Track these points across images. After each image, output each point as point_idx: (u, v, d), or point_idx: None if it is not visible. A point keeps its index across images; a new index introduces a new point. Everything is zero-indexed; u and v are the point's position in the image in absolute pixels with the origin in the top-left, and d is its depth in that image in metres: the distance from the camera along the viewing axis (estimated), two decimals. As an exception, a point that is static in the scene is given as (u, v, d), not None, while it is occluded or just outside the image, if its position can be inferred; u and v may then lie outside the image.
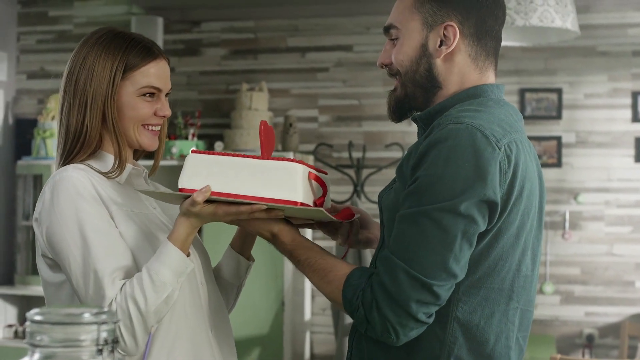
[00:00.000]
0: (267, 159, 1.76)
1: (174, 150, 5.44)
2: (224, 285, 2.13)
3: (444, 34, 1.79)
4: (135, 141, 1.95)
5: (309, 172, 1.78)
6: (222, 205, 1.75)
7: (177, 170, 5.67)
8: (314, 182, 1.79)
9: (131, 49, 1.93)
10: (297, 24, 5.94)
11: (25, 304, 5.82)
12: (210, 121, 5.96)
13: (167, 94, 2.03)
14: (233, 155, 1.78)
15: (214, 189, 1.74)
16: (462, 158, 1.61)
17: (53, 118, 5.72)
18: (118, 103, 1.91)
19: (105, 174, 1.91)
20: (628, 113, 5.51)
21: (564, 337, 5.53)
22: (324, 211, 1.76)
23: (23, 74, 6.31)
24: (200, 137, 5.80)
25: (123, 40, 1.94)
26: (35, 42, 6.31)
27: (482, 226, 1.65)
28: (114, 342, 1.04)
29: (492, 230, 1.68)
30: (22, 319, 5.76)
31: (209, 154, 1.79)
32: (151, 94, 1.96)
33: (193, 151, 1.81)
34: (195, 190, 1.75)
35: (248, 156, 1.77)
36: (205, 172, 1.76)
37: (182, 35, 6.09)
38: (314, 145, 5.80)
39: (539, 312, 5.56)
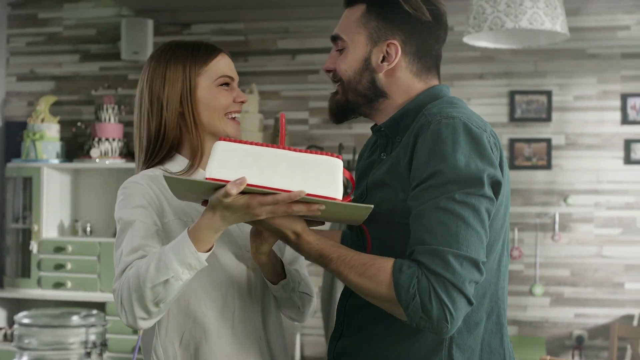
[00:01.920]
0: (303, 151, 1.67)
1: (164, 152, 5.43)
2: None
3: (386, 51, 1.88)
4: (223, 131, 2.02)
5: (344, 169, 1.71)
6: (257, 195, 1.65)
7: (167, 173, 5.69)
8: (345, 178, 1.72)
9: (197, 49, 2.04)
10: (288, 26, 5.94)
11: (14, 306, 5.80)
12: (201, 123, 5.94)
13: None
14: (266, 145, 1.67)
15: (249, 181, 1.63)
16: (467, 147, 1.72)
17: (43, 120, 5.71)
18: (199, 98, 2.01)
19: (175, 174, 1.95)
20: (617, 115, 5.53)
21: (553, 339, 5.54)
22: (369, 208, 1.68)
23: (13, 76, 6.29)
24: (190, 139, 5.79)
25: (186, 44, 2.07)
26: (25, 44, 6.29)
27: (495, 205, 1.76)
28: (102, 344, 1.04)
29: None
30: (11, 322, 5.74)
31: (239, 142, 1.68)
32: (227, 83, 2.05)
33: (221, 138, 1.70)
34: (226, 181, 1.63)
35: (281, 147, 1.67)
36: (237, 161, 1.65)
37: (172, 37, 6.07)
38: (304, 147, 5.80)
39: (529, 313, 5.57)
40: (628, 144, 5.50)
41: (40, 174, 5.57)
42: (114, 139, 5.64)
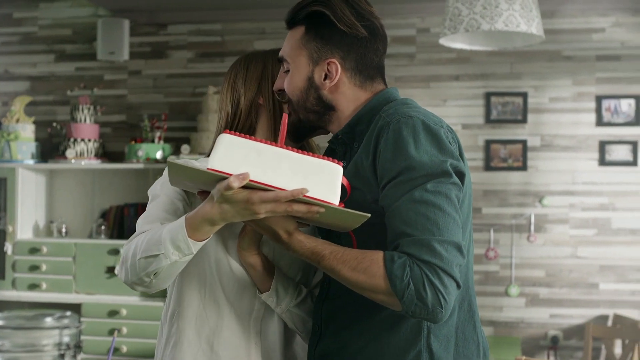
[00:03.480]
0: (306, 154, 1.68)
1: (140, 153, 5.41)
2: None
3: (327, 69, 1.95)
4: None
5: (344, 177, 1.73)
6: (258, 191, 1.66)
7: (143, 174, 5.69)
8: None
9: (270, 58, 2.14)
10: (264, 27, 5.94)
11: (-12, 308, 5.76)
12: (177, 124, 5.93)
13: None
14: (270, 143, 1.68)
15: (250, 177, 1.64)
16: (427, 142, 1.79)
17: (17, 120, 5.67)
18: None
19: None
20: (592, 117, 5.57)
21: (529, 339, 5.57)
22: (366, 216, 1.69)
23: (-13, 76, 6.25)
24: (166, 140, 5.77)
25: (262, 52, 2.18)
26: (0, 44, 6.24)
27: (462, 190, 1.82)
28: (76, 346, 1.04)
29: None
30: (-15, 324, 5.70)
31: (243, 137, 1.68)
32: None
33: (226, 131, 1.70)
34: (229, 174, 1.64)
35: (283, 147, 1.68)
36: (240, 156, 1.66)
37: (148, 38, 6.06)
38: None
39: (505, 314, 5.60)
40: (603, 146, 5.54)
41: (15, 175, 5.52)
42: (89, 140, 5.61)
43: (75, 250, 5.40)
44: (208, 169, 1.66)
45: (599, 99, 5.56)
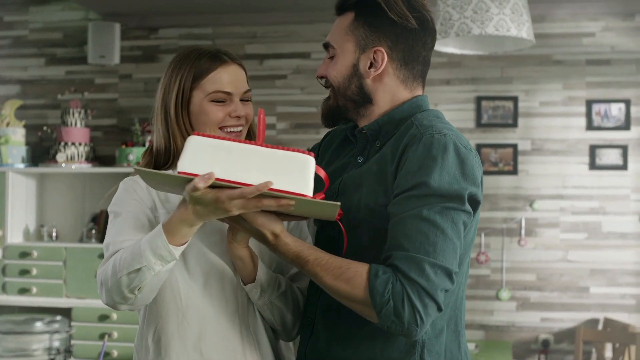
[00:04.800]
0: (276, 147, 1.67)
1: (131, 157, 5.40)
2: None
3: (373, 58, 1.94)
4: None
5: (316, 165, 1.71)
6: (226, 189, 1.66)
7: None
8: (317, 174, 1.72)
9: (199, 59, 2.03)
10: (255, 31, 5.94)
11: (-22, 312, 5.74)
12: (168, 128, 5.91)
13: (246, 96, 2.09)
14: (238, 141, 1.68)
15: (218, 176, 1.64)
16: (453, 165, 1.79)
17: (8, 124, 5.65)
18: (191, 111, 2.00)
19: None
20: (582, 121, 5.58)
21: (519, 343, 5.58)
22: (337, 205, 1.68)
23: (-23, 79, 6.23)
24: (157, 144, 5.75)
25: (193, 52, 2.06)
26: (-10, 48, 6.23)
27: (472, 219, 1.84)
28: (66, 351, 1.03)
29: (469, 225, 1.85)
30: (-25, 328, 5.68)
31: (212, 137, 1.69)
32: (221, 100, 2.02)
33: (195, 133, 1.71)
34: (197, 175, 1.65)
35: (254, 143, 1.68)
36: (208, 156, 1.66)
37: (139, 42, 6.06)
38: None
39: (495, 318, 5.61)
40: (593, 150, 5.55)
41: (5, 179, 5.51)
42: (80, 144, 5.59)
43: (66, 255, 5.38)
44: (178, 172, 1.67)
45: (589, 103, 5.57)
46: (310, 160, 1.67)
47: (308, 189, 1.66)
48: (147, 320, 2.00)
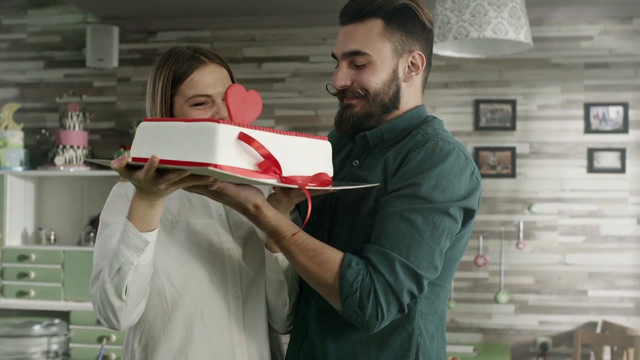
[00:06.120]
0: (192, 120, 1.63)
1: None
2: (270, 286, 2.03)
3: (411, 62, 1.98)
4: None
5: (242, 134, 1.65)
6: (136, 170, 1.66)
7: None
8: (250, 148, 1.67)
9: (176, 62, 1.97)
10: (254, 34, 5.94)
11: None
12: (166, 131, 5.91)
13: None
14: (175, 120, 1.66)
15: (135, 155, 1.65)
16: (452, 173, 1.82)
17: (6, 127, 5.64)
18: (177, 116, 1.95)
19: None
20: (580, 124, 5.59)
21: (518, 346, 5.58)
22: (236, 176, 1.62)
23: (-25, 82, 6.23)
24: (156, 147, 5.75)
25: (171, 55, 2.00)
26: (-12, 51, 6.23)
27: (459, 228, 1.86)
28: (65, 354, 1.03)
29: (459, 234, 1.87)
30: (-27, 332, 5.67)
31: (156, 120, 1.69)
32: (201, 103, 1.96)
33: (145, 119, 1.71)
34: (143, 159, 1.64)
35: (187, 120, 1.64)
36: (147, 139, 1.67)
37: (138, 45, 6.06)
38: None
39: (494, 321, 5.61)
40: (591, 153, 5.56)
41: (3, 182, 5.50)
42: (78, 147, 5.59)
43: (64, 258, 5.38)
44: (132, 158, 1.67)
45: (587, 107, 5.58)
46: (216, 127, 1.59)
47: (213, 157, 1.57)
48: (134, 325, 1.99)
